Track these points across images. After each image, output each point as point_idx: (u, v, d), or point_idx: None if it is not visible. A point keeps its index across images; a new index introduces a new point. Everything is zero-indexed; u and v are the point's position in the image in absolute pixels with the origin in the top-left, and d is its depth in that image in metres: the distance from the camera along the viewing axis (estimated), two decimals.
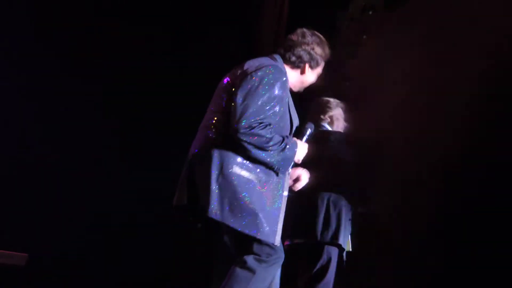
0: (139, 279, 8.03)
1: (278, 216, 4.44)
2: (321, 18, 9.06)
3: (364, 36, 8.71)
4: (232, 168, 4.31)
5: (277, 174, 4.44)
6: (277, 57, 4.76)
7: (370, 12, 8.69)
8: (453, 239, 6.46)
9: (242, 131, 4.25)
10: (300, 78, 4.80)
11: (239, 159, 4.34)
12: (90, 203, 7.72)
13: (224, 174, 4.29)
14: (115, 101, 8.16)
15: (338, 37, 9.00)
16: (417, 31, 7.39)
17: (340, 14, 9.06)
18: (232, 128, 4.28)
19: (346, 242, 6.15)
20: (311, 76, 4.82)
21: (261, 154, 4.29)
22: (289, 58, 4.76)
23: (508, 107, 6.17)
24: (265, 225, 4.30)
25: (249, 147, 4.27)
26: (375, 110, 7.41)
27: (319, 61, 4.82)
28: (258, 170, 4.39)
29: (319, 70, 4.85)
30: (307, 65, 4.78)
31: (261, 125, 4.25)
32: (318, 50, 4.80)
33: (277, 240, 4.44)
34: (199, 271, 8.23)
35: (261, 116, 4.28)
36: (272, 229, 4.37)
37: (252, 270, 4.38)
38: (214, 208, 4.28)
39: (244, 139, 4.27)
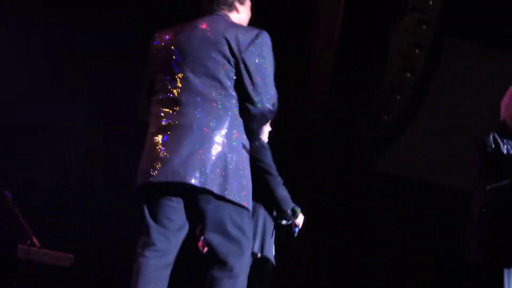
0: None
1: None
2: (375, 29, 9.07)
3: (417, 50, 8.70)
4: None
5: None
6: (222, 14, 4.17)
7: (424, 27, 8.67)
8: None
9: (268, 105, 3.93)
10: (239, 20, 4.20)
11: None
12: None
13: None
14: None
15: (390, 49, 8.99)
16: None
17: (394, 26, 9.02)
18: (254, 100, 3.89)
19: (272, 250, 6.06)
20: (245, 11, 4.24)
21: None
22: (223, 7, 4.16)
23: None
24: None
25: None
26: None
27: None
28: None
29: (248, 1, 4.27)
30: (236, 3, 4.20)
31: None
32: None
33: None
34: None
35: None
36: None
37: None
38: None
39: (269, 115, 3.97)
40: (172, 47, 3.96)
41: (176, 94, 3.88)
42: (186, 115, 3.82)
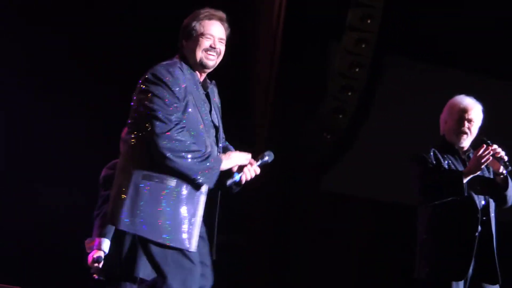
0: None
1: None
2: (314, 49, 9.14)
3: (357, 69, 8.76)
4: None
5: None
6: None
7: (363, 45, 8.74)
8: None
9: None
10: (186, 55, 4.32)
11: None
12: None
13: None
14: None
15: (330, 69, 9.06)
16: None
17: (334, 46, 9.10)
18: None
19: None
20: (190, 45, 4.28)
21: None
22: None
23: None
24: None
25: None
26: None
27: (188, 27, 4.31)
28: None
29: (196, 34, 4.29)
30: (183, 42, 4.31)
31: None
32: (185, 22, 4.35)
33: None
34: None
35: None
36: None
37: None
38: None
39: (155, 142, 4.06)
40: None
41: None
42: None
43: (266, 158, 4.41)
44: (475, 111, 5.31)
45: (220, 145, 4.38)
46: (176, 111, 4.07)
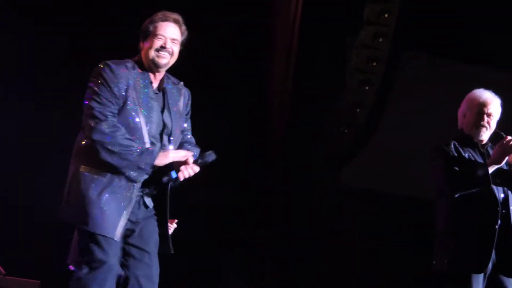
0: None
1: None
2: (331, 45, 9.15)
3: (375, 63, 8.76)
4: None
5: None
6: None
7: (381, 39, 8.74)
8: None
9: None
10: (142, 55, 4.54)
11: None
12: None
13: None
14: None
15: (348, 63, 9.06)
16: None
17: (351, 40, 9.10)
18: None
19: None
20: (145, 45, 4.52)
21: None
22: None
23: None
24: None
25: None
26: None
27: (144, 28, 4.55)
28: None
29: (149, 35, 4.51)
30: (140, 43, 4.56)
31: None
32: (143, 24, 4.60)
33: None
34: None
35: None
36: None
37: None
38: None
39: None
40: None
41: None
42: None
43: (207, 158, 4.53)
44: (494, 105, 5.31)
45: (171, 144, 4.52)
46: (110, 106, 4.32)
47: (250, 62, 9.24)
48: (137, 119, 4.38)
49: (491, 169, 5.10)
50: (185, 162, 4.43)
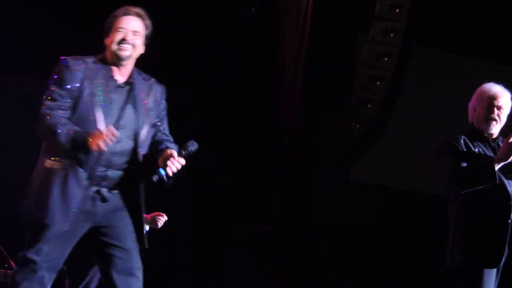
0: None
1: None
2: (342, 40, 9.13)
3: (386, 59, 8.73)
4: None
5: None
6: None
7: (392, 35, 8.70)
8: None
9: None
10: (107, 50, 4.63)
11: None
12: None
13: None
14: None
15: (359, 59, 9.04)
16: None
17: (362, 36, 9.07)
18: None
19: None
20: (108, 40, 4.60)
21: None
22: None
23: None
24: None
25: None
26: None
27: (108, 24, 4.64)
28: None
29: (111, 29, 4.60)
30: (104, 39, 4.64)
31: None
32: (107, 20, 4.70)
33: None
34: None
35: None
36: None
37: None
38: None
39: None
40: None
41: None
42: None
43: (190, 148, 4.52)
44: (505, 98, 5.29)
45: (132, 138, 4.52)
46: (59, 101, 4.42)
47: (261, 56, 9.26)
48: (93, 112, 4.44)
49: (498, 165, 5.05)
50: (169, 157, 4.46)
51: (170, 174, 4.45)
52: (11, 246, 6.53)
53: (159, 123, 4.74)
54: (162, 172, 4.45)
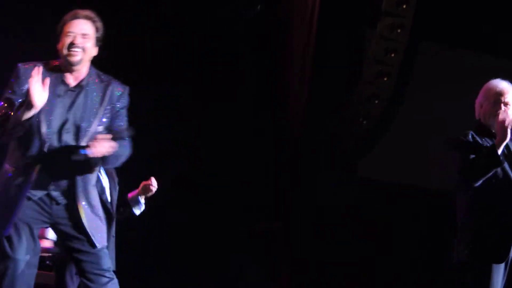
0: None
1: None
2: (349, 36, 9.14)
3: (393, 55, 8.73)
4: None
5: None
6: None
7: (399, 30, 8.71)
8: None
9: None
10: (59, 54, 4.67)
11: None
12: None
13: None
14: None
15: (366, 55, 9.05)
16: None
17: (369, 32, 9.09)
18: None
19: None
20: (59, 46, 4.62)
21: None
22: None
23: None
24: None
25: None
26: None
27: (57, 29, 4.65)
28: None
29: (61, 34, 4.62)
30: (57, 44, 4.65)
31: None
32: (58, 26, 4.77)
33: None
34: None
35: None
36: None
37: None
38: None
39: None
40: None
41: None
42: None
43: (122, 134, 4.55)
44: (511, 94, 5.29)
45: (80, 139, 4.52)
46: (7, 102, 4.48)
47: (263, 56, 9.28)
48: (35, 116, 4.43)
49: (500, 147, 5.06)
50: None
51: (94, 154, 4.43)
52: None
53: (114, 124, 4.71)
54: (82, 151, 4.47)
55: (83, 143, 4.50)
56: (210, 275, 8.75)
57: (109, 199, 5.99)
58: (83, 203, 4.56)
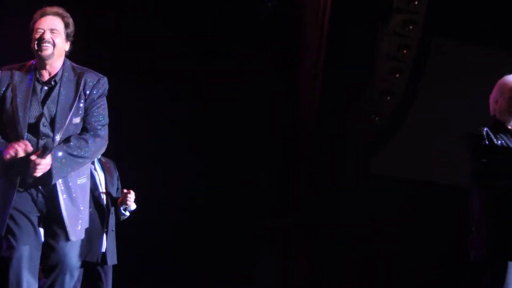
0: None
1: None
2: (362, 32, 9.14)
3: (405, 51, 8.74)
4: None
5: None
6: None
7: (411, 27, 8.71)
8: None
9: None
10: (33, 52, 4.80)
11: None
12: None
13: None
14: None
15: (378, 51, 9.05)
16: None
17: (381, 28, 9.08)
18: None
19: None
20: (31, 43, 4.76)
21: None
22: None
23: None
24: None
25: None
26: None
27: (30, 27, 4.79)
28: None
29: (31, 32, 4.76)
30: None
31: None
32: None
33: None
34: None
35: None
36: None
37: None
38: None
39: None
40: None
41: None
42: None
43: (46, 152, 4.55)
44: None
45: (56, 133, 4.64)
46: None
47: (280, 50, 9.28)
48: (13, 114, 4.61)
49: None
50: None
51: (36, 174, 4.54)
52: None
53: (90, 114, 4.80)
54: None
55: (59, 136, 4.63)
56: (224, 271, 8.77)
57: (103, 195, 6.09)
58: (64, 196, 4.64)
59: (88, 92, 4.75)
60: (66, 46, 4.80)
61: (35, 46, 4.69)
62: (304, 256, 8.90)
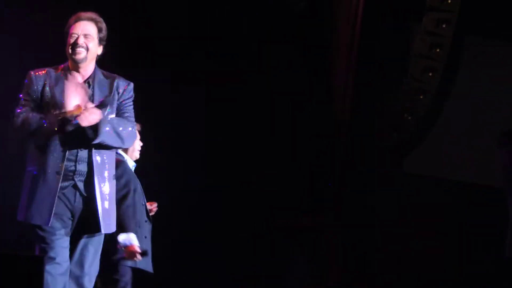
0: None
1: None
2: (394, 30, 9.13)
3: (438, 50, 8.71)
4: None
5: None
6: None
7: (444, 25, 8.68)
8: None
9: None
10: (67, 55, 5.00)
11: None
12: None
13: None
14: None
15: (411, 50, 9.03)
16: None
17: (414, 27, 9.06)
18: None
19: None
20: (66, 47, 4.97)
21: None
22: None
23: None
24: None
25: None
26: None
27: (65, 32, 5.01)
28: None
29: (66, 36, 4.98)
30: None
31: None
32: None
33: None
34: None
35: None
36: None
37: None
38: None
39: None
40: None
41: None
42: None
43: None
44: None
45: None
46: (25, 105, 4.86)
47: (313, 48, 9.29)
48: (53, 111, 4.80)
49: None
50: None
51: (83, 124, 4.72)
52: None
53: (119, 111, 5.02)
54: (75, 121, 4.73)
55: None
56: (256, 268, 8.80)
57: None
58: (100, 195, 4.84)
59: (120, 93, 5.01)
60: (99, 50, 5.05)
61: (69, 50, 4.94)
62: (336, 256, 8.90)
